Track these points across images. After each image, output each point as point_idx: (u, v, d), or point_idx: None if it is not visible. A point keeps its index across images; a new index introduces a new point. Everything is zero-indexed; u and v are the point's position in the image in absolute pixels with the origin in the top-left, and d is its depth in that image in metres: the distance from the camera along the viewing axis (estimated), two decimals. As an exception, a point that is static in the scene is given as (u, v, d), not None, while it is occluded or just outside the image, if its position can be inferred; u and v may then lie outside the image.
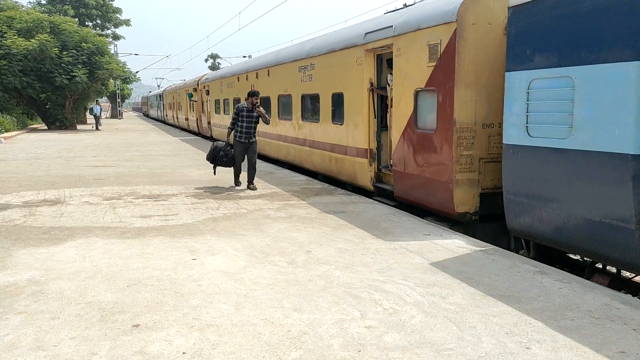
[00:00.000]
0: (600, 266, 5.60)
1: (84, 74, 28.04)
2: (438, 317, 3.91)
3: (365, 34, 9.20)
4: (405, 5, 8.93)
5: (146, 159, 15.19)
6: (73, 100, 31.41)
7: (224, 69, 23.07)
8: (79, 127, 33.75)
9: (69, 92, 29.54)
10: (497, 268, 5.08)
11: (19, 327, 3.74)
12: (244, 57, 33.26)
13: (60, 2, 44.42)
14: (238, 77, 18.08)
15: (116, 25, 50.85)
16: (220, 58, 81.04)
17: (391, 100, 8.49)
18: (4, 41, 26.02)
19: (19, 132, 28.07)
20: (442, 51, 7.10)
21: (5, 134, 24.81)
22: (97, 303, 4.19)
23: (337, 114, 10.46)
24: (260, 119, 9.92)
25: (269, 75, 14.60)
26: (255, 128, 9.92)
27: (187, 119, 30.37)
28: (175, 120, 36.07)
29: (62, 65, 27.59)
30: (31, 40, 26.16)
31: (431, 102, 7.40)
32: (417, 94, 7.72)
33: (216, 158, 10.01)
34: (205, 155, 16.37)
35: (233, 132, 9.92)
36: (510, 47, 5.90)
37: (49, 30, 27.79)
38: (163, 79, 70.30)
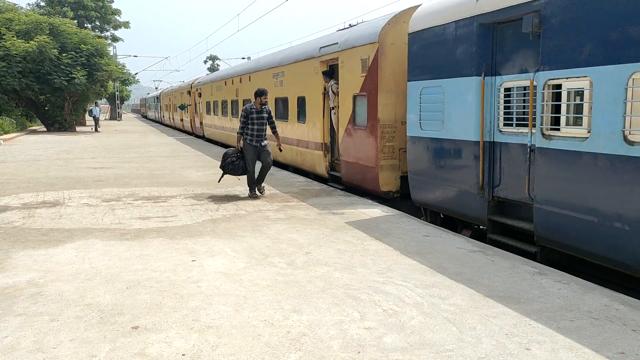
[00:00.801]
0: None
1: (83, 75, 28.04)
2: (437, 318, 3.91)
3: (320, 48, 11.14)
4: (350, 26, 10.74)
5: (145, 161, 15.18)
6: (72, 102, 31.42)
7: (213, 74, 25.32)
8: (78, 128, 33.76)
9: (68, 94, 29.55)
10: (496, 269, 5.08)
11: (18, 329, 3.73)
12: (243, 58, 33.34)
13: (59, 4, 44.45)
14: (225, 82, 20.11)
15: (115, 27, 50.93)
16: (219, 60, 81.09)
17: (326, 102, 10.84)
18: (2, 43, 26.03)
19: (18, 133, 28.07)
20: (369, 65, 8.90)
21: (4, 136, 24.81)
22: (96, 305, 4.19)
23: (301, 114, 12.26)
24: (268, 122, 9.23)
25: (250, 80, 16.62)
26: (266, 130, 9.21)
27: (182, 120, 32.48)
28: (172, 121, 37.90)
29: (61, 67, 27.59)
30: (30, 42, 26.15)
31: (363, 104, 9.18)
32: (354, 97, 9.57)
33: (225, 165, 9.18)
34: (204, 156, 16.43)
35: (243, 136, 9.11)
36: (409, 63, 7.80)
37: (47, 32, 27.79)
38: (161, 81, 71.92)
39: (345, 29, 10.92)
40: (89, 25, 47.67)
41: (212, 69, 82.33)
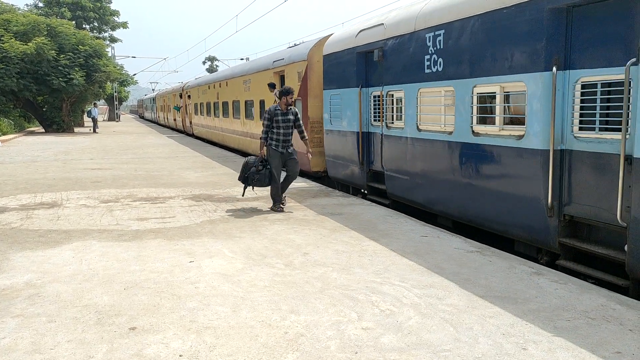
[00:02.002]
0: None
1: (81, 76, 28.02)
2: (435, 318, 3.92)
3: (273, 61, 14.24)
4: (295, 45, 13.81)
5: (143, 162, 15.18)
6: (70, 103, 31.39)
7: (200, 79, 27.90)
8: (76, 129, 33.73)
9: (66, 95, 29.53)
10: (493, 269, 5.09)
11: (16, 331, 3.74)
12: (241, 59, 33.34)
13: (57, 4, 44.41)
14: (209, 86, 23.18)
15: (113, 28, 50.90)
16: (218, 60, 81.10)
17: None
18: (0, 44, 25.99)
19: (16, 135, 28.04)
20: (302, 76, 11.80)
21: (2, 137, 24.78)
22: (93, 306, 4.19)
23: (262, 114, 14.34)
24: (295, 125, 8.12)
25: (227, 85, 19.58)
26: (292, 134, 8.15)
27: (175, 120, 35.60)
28: (166, 120, 41.05)
29: (59, 68, 27.56)
30: (28, 43, 26.13)
31: (300, 106, 11.90)
32: (294, 101, 11.73)
33: (247, 176, 8.06)
34: (202, 157, 16.43)
35: (267, 141, 8.06)
36: (323, 77, 10.96)
37: (45, 33, 27.76)
38: (157, 83, 74.40)
39: (291, 47, 13.86)
40: (87, 26, 47.65)
41: (211, 70, 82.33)
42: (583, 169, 5.13)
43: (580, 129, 5.18)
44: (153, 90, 70.54)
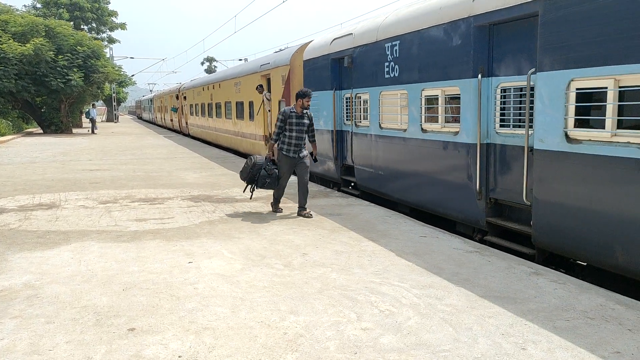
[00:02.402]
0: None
1: (80, 77, 27.97)
2: (434, 318, 3.92)
3: (260, 65, 15.51)
4: (280, 50, 15.01)
5: (142, 162, 15.17)
6: (68, 103, 31.34)
7: (194, 81, 29.11)
8: (74, 130, 33.70)
9: (64, 96, 29.47)
10: (492, 269, 5.09)
11: (14, 332, 3.73)
12: (240, 59, 33.34)
13: (55, 5, 44.34)
14: (203, 88, 24.46)
15: (112, 29, 50.78)
16: (216, 61, 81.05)
17: (264, 106, 14.85)
18: (-1, 45, 25.98)
19: (15, 136, 28.01)
20: (286, 79, 12.86)
21: (1, 138, 24.74)
22: (92, 307, 4.18)
23: (251, 115, 16.34)
24: (309, 129, 7.75)
25: (220, 87, 20.81)
26: (305, 139, 7.75)
27: (171, 120, 36.94)
28: (164, 121, 42.39)
29: (58, 69, 27.51)
30: (26, 45, 26.08)
31: (283, 106, 12.72)
32: (279, 102, 13.39)
33: (256, 178, 7.74)
34: (201, 158, 16.43)
35: (278, 144, 7.76)
36: (304, 80, 11.79)
37: (44, 33, 27.72)
38: (155, 84, 76.27)
39: (277, 52, 15.08)
40: (86, 27, 47.53)
41: (210, 71, 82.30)
42: (502, 159, 6.21)
43: (501, 125, 6.21)
44: (151, 91, 71.90)
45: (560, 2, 5.13)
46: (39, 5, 44.64)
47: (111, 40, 51.02)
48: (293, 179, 8.10)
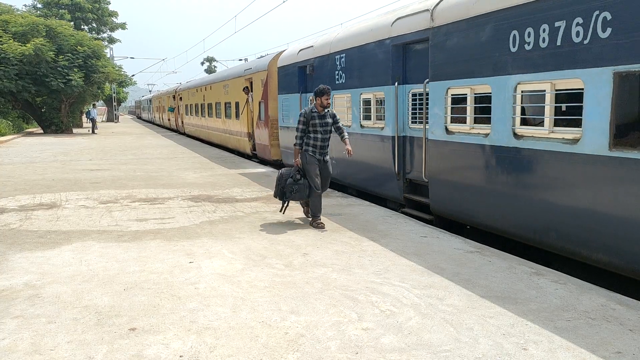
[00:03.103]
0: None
1: (80, 77, 27.99)
2: (435, 318, 3.92)
3: (244, 70, 17.36)
4: (262, 56, 16.87)
5: (142, 162, 15.17)
6: (69, 104, 31.34)
7: (189, 82, 31.01)
8: (75, 130, 33.70)
9: (64, 96, 29.49)
10: (493, 269, 5.09)
11: (15, 332, 3.73)
12: (240, 60, 33.36)
13: (55, 5, 44.36)
14: (197, 89, 26.37)
15: (112, 29, 50.83)
16: (216, 61, 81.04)
17: (247, 106, 16.77)
18: (-1, 45, 25.99)
19: (15, 135, 28.02)
20: (264, 83, 14.71)
21: (1, 138, 24.75)
22: (93, 307, 4.18)
23: (237, 114, 18.18)
24: (334, 127, 7.19)
25: (211, 89, 22.74)
26: (330, 139, 7.23)
27: (169, 120, 39.10)
28: (161, 120, 44.48)
29: (58, 69, 27.53)
30: (27, 45, 26.09)
31: (263, 107, 14.89)
32: (259, 103, 15.29)
33: (285, 189, 7.11)
34: (201, 158, 16.43)
35: (302, 148, 7.13)
36: (278, 84, 13.58)
37: (44, 33, 27.72)
38: (154, 84, 78.32)
39: (259, 58, 17.20)
40: (86, 27, 47.58)
41: (210, 71, 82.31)
42: (412, 148, 8.01)
43: (412, 122, 7.96)
44: (150, 91, 73.24)
45: (440, 31, 6.92)
46: (39, 5, 44.67)
47: (111, 40, 51.07)
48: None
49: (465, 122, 6.60)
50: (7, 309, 4.15)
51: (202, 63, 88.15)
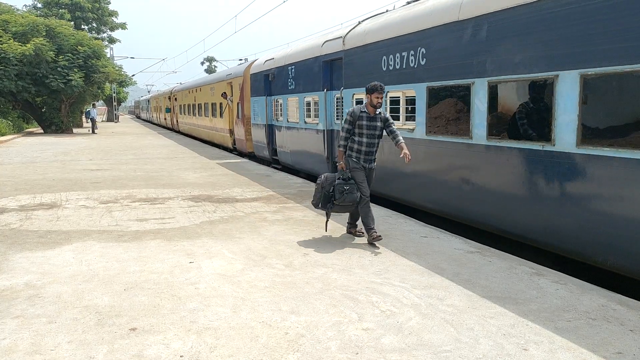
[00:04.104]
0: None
1: (80, 77, 27.96)
2: (435, 319, 3.91)
3: (226, 75, 20.15)
4: (241, 63, 20.50)
5: (142, 162, 15.17)
6: (69, 103, 31.33)
7: (183, 84, 34.06)
8: (75, 130, 33.68)
9: (64, 96, 29.46)
10: (493, 270, 5.09)
11: (16, 331, 3.73)
12: (240, 59, 33.43)
13: (55, 5, 44.33)
14: (189, 91, 29.25)
15: (112, 29, 50.79)
16: (217, 61, 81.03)
17: (228, 107, 19.52)
18: (-1, 45, 25.97)
19: (15, 135, 28.01)
20: (240, 87, 17.24)
21: (1, 138, 24.74)
22: (93, 307, 4.18)
23: (221, 113, 20.95)
24: (386, 132, 6.24)
25: (200, 91, 25.71)
26: (378, 145, 6.29)
27: (165, 119, 41.97)
28: (158, 119, 47.67)
29: (58, 69, 27.50)
30: (27, 45, 26.07)
31: (240, 107, 17.34)
32: (237, 104, 17.82)
33: (330, 199, 6.12)
34: (201, 158, 16.43)
35: (346, 151, 6.30)
36: (250, 88, 16.08)
37: (44, 33, 27.70)
38: (153, 85, 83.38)
39: (239, 64, 20.11)
40: (86, 27, 47.54)
41: (210, 71, 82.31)
42: (335, 138, 10.36)
43: (337, 119, 10.39)
44: (148, 92, 76.46)
45: (348, 53, 9.64)
46: (39, 5, 44.64)
47: (111, 40, 51.04)
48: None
49: None
50: (8, 308, 4.15)
51: (202, 63, 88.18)
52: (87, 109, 37.26)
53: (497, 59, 6.08)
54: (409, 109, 8.00)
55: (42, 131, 32.40)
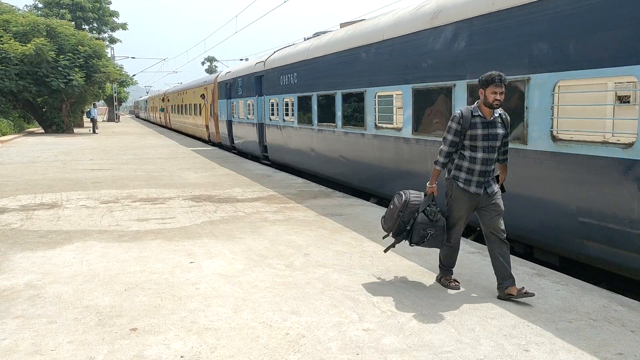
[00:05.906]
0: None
1: (81, 77, 27.97)
2: (436, 319, 3.91)
3: (204, 81, 25.50)
4: (243, 61, 28.44)
5: (143, 162, 15.17)
6: (70, 103, 31.34)
7: (175, 87, 39.71)
8: (75, 130, 33.68)
9: (65, 96, 29.47)
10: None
11: (16, 332, 3.73)
12: (241, 59, 33.56)
13: (56, 5, 44.35)
14: (178, 93, 34.34)
15: (113, 29, 50.82)
16: (217, 61, 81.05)
17: (205, 106, 24.60)
18: (0, 45, 25.97)
19: (16, 135, 28.01)
20: (213, 91, 22.53)
21: (2, 138, 24.75)
22: (94, 307, 4.18)
23: (200, 112, 25.62)
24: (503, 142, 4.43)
25: (186, 93, 30.50)
26: (495, 161, 4.45)
27: (160, 117, 46.75)
28: (155, 118, 52.01)
29: (59, 69, 27.52)
30: (27, 45, 26.08)
31: (212, 107, 22.53)
32: (210, 105, 22.95)
33: (408, 227, 4.62)
34: (202, 158, 16.44)
35: (448, 171, 4.55)
36: (217, 93, 21.70)
37: (45, 33, 27.71)
38: (151, 86, 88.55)
39: (219, 72, 23.21)
40: (87, 27, 47.58)
41: (210, 71, 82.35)
42: (270, 130, 14.57)
43: (272, 114, 14.28)
44: (147, 92, 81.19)
45: (267, 72, 14.46)
46: (40, 5, 44.67)
47: (112, 40, 51.08)
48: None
49: (274, 114, 14.17)
50: (8, 309, 4.15)
51: (203, 63, 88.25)
52: (88, 109, 37.27)
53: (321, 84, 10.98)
54: (290, 110, 12.94)
55: (43, 131, 32.41)
